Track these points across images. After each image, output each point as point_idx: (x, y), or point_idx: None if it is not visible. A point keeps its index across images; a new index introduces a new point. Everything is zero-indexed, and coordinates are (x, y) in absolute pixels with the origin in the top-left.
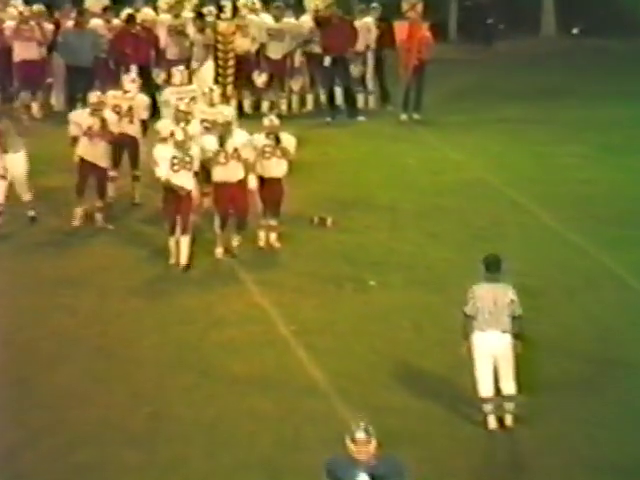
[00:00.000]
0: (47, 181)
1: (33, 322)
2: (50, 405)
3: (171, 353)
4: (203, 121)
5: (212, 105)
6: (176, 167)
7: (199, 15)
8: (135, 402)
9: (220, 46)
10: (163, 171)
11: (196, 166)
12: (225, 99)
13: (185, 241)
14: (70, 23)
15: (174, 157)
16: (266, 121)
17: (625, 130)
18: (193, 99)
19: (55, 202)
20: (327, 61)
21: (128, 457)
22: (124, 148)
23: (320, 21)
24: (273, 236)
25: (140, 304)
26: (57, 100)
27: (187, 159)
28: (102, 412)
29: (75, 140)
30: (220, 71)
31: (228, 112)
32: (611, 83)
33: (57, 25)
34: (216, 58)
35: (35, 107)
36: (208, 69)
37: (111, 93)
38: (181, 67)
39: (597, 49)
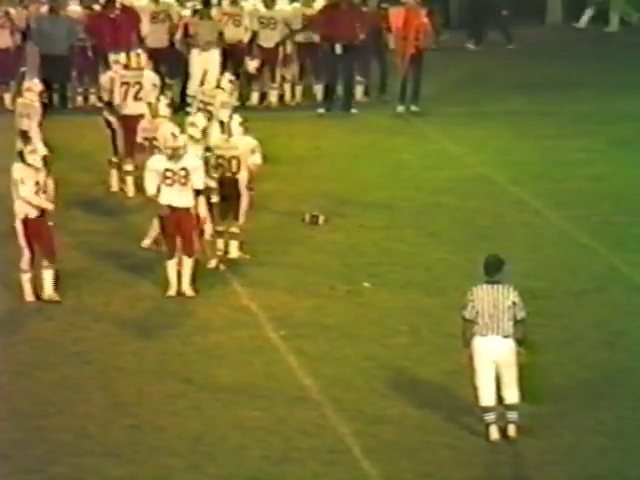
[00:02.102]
0: None
1: (7, 327)
2: (26, 414)
3: (153, 360)
4: (201, 102)
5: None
6: (169, 181)
7: (205, 3)
8: (116, 411)
9: None
10: (150, 186)
11: (197, 182)
12: None
13: (188, 264)
14: (44, 9)
15: (167, 170)
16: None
17: (636, 123)
18: (139, 84)
19: None
20: (338, 49)
21: (109, 469)
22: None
23: (329, 8)
24: (234, 245)
25: (120, 308)
26: None
27: (182, 173)
28: (81, 422)
29: None
30: None
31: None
32: (622, 74)
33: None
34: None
35: (8, 98)
36: (214, 55)
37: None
38: (139, 50)
39: (606, 38)
